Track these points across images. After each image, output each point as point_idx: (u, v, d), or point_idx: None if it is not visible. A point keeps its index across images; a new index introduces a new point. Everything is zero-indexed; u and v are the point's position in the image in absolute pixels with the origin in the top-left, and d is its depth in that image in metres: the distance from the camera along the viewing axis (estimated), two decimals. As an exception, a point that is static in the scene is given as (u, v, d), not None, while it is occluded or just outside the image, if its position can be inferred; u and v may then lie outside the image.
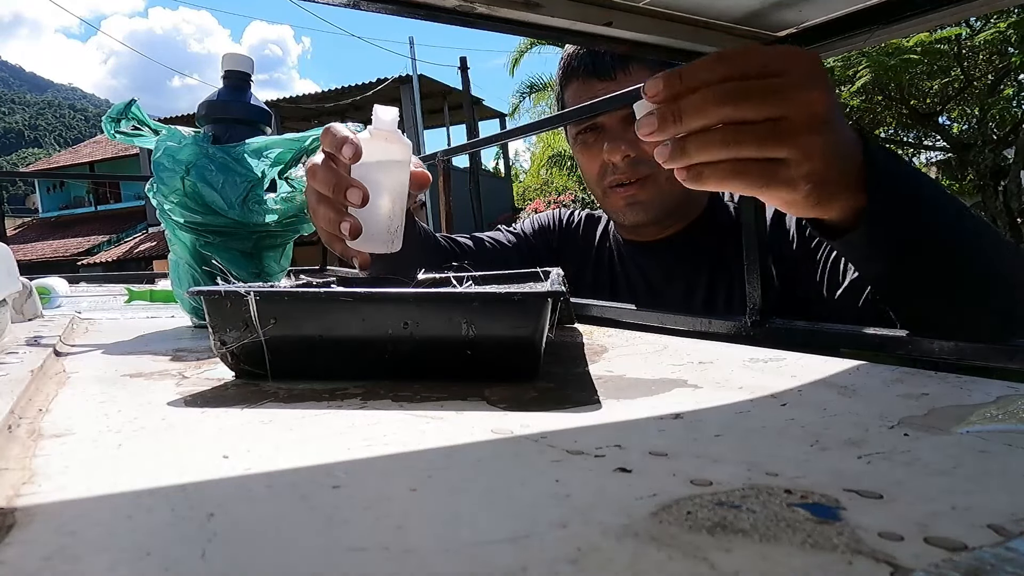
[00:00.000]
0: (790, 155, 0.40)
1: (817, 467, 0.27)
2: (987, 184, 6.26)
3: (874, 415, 0.34)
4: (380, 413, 0.36)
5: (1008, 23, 5.30)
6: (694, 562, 0.19)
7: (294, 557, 0.20)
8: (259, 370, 0.45)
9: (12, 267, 0.69)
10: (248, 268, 0.77)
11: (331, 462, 0.28)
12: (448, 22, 0.50)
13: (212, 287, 0.44)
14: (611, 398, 0.39)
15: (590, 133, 0.89)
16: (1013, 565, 0.18)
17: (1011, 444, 0.29)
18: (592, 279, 0.98)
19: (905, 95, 6.34)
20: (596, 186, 0.91)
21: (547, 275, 0.63)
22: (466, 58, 14.10)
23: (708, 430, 0.32)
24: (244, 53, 0.82)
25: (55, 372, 0.50)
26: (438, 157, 1.38)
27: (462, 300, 0.44)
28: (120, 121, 0.74)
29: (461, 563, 0.19)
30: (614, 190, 0.88)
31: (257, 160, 0.73)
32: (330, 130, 0.54)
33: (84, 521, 0.23)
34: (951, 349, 0.45)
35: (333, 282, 0.60)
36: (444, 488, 0.25)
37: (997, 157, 6.39)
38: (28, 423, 0.35)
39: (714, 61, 0.40)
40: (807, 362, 0.47)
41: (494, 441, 0.31)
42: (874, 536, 0.20)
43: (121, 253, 16.11)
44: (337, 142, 0.51)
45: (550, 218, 1.07)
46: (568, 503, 0.23)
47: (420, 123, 13.75)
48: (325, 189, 0.53)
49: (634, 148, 0.83)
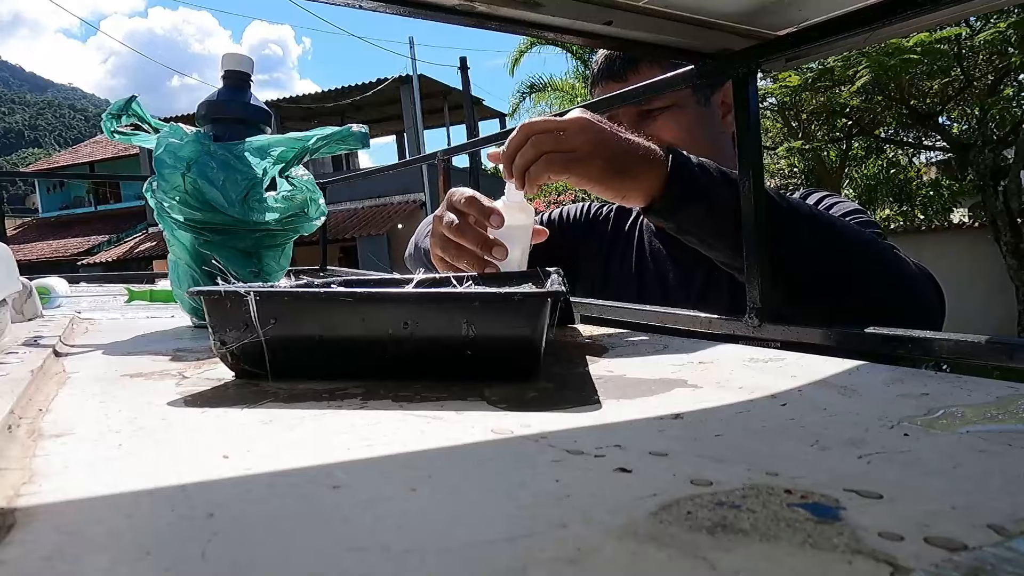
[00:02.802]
0: (576, 145, 0.60)
1: (817, 467, 0.27)
2: (987, 184, 6.26)
3: (874, 415, 0.34)
4: (380, 413, 0.36)
5: (1008, 23, 5.30)
6: (694, 562, 0.19)
7: (294, 557, 0.20)
8: (259, 370, 0.45)
9: (12, 267, 0.69)
10: (248, 267, 0.77)
11: (331, 462, 0.28)
12: (448, 21, 0.50)
13: (212, 287, 0.44)
14: (611, 398, 0.39)
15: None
16: (1013, 565, 0.18)
17: (1011, 444, 0.29)
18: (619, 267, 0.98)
19: (905, 95, 6.34)
20: None
21: (547, 275, 0.64)
22: (466, 58, 14.10)
23: (708, 430, 0.32)
24: (244, 53, 0.82)
25: (55, 372, 0.50)
26: (438, 157, 1.38)
27: (462, 300, 0.44)
28: (120, 117, 0.74)
29: (461, 563, 0.19)
30: None
31: (259, 158, 0.73)
32: (475, 199, 0.68)
33: (84, 521, 0.23)
34: (951, 348, 0.45)
35: (333, 282, 0.60)
36: (444, 488, 0.25)
37: (997, 157, 6.40)
38: (28, 423, 0.35)
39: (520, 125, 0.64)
40: (807, 362, 0.47)
41: (494, 441, 0.31)
42: (874, 536, 0.20)
43: (121, 253, 16.11)
44: (485, 211, 0.67)
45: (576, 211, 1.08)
46: (568, 503, 0.23)
47: (420, 123, 13.75)
48: (473, 245, 0.67)
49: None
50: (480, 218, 0.68)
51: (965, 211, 9.03)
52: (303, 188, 0.78)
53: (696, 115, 0.88)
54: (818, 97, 6.71)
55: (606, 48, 0.75)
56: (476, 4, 0.48)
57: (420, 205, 13.20)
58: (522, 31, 0.54)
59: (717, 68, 0.61)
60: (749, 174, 0.57)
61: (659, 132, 0.86)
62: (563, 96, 11.71)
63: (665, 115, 0.87)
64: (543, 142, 0.61)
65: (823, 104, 6.79)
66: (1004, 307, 6.92)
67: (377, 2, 0.47)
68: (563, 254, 0.72)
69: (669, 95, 0.86)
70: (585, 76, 12.68)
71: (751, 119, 0.58)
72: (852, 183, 9.05)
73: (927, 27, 0.99)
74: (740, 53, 0.59)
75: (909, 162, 9.39)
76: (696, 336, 0.62)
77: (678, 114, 0.87)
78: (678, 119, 0.86)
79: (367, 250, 12.74)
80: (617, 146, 0.62)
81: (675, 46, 0.60)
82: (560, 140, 0.61)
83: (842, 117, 7.11)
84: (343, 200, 13.72)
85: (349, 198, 13.79)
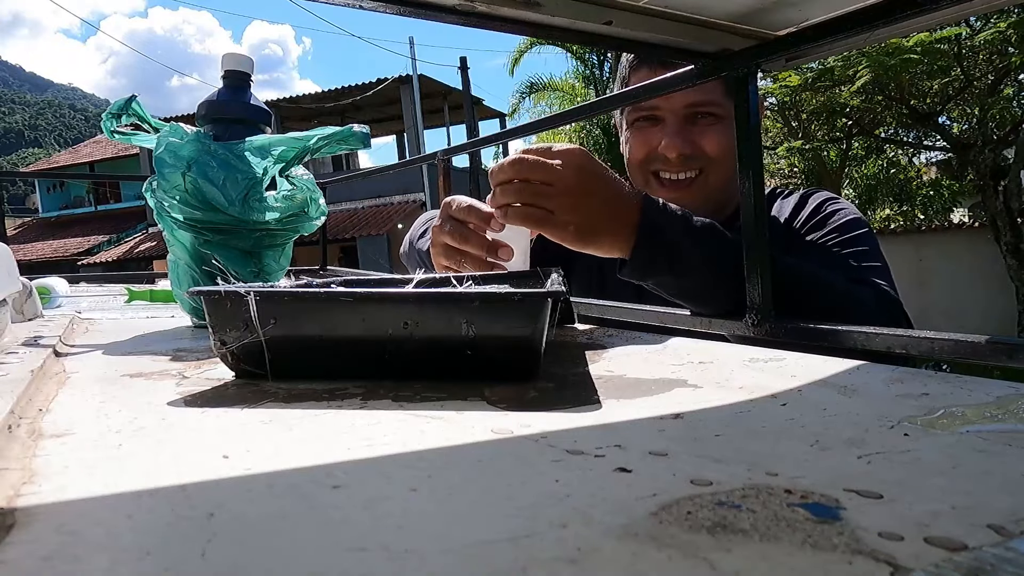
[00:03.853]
0: (553, 207, 0.62)
1: (817, 467, 0.27)
2: (987, 184, 6.26)
3: (874, 415, 0.34)
4: (380, 413, 0.36)
5: (1008, 23, 5.30)
6: (694, 562, 0.19)
7: (294, 557, 0.20)
8: (259, 370, 0.45)
9: (12, 267, 0.69)
10: (248, 267, 0.77)
11: (331, 462, 0.28)
12: (448, 21, 0.50)
13: (212, 287, 0.44)
14: (611, 398, 0.39)
15: (647, 122, 0.90)
16: (1013, 565, 0.18)
17: (1011, 444, 0.29)
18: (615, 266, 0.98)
19: (905, 95, 6.34)
20: (638, 169, 0.92)
21: (547, 275, 0.64)
22: (466, 58, 14.09)
23: (708, 430, 0.32)
24: (244, 53, 0.82)
25: (55, 372, 0.50)
26: (438, 157, 1.38)
27: (462, 300, 0.44)
28: (120, 117, 0.74)
29: (461, 563, 0.19)
30: (659, 180, 0.89)
31: (260, 157, 0.73)
32: (473, 206, 0.69)
33: (84, 521, 0.23)
34: (951, 348, 0.45)
35: (333, 282, 0.60)
36: (444, 488, 0.25)
37: (997, 157, 6.40)
38: (28, 423, 0.35)
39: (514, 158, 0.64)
40: (807, 362, 0.47)
41: (494, 441, 0.31)
42: (874, 536, 0.20)
43: (121, 253, 16.11)
44: (485, 217, 0.68)
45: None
46: (568, 503, 0.23)
47: (420, 123, 13.75)
48: (478, 249, 0.69)
49: (690, 146, 0.85)
50: (480, 224, 0.69)
51: (965, 211, 9.03)
52: (303, 188, 0.78)
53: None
54: (818, 97, 6.71)
55: (606, 48, 0.74)
56: (476, 4, 0.48)
57: (420, 205, 13.20)
58: (522, 31, 0.54)
59: (717, 68, 0.61)
60: (749, 174, 0.57)
61: (704, 141, 0.85)
62: (563, 96, 11.71)
63: (716, 125, 0.85)
64: (525, 191, 0.63)
65: (823, 104, 6.79)
66: (1004, 307, 6.93)
67: (377, 2, 0.47)
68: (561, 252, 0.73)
69: (721, 106, 0.84)
70: (585, 76, 12.70)
71: (751, 119, 0.58)
72: (852, 183, 9.05)
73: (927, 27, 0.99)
74: (740, 53, 0.59)
75: (909, 162, 9.40)
76: (696, 336, 0.62)
77: (726, 128, 0.84)
78: (724, 132, 0.84)
79: (367, 250, 12.75)
80: (592, 210, 0.63)
81: (675, 46, 0.60)
82: (540, 195, 0.62)
83: (842, 117, 7.12)
84: (343, 200, 13.73)
85: (349, 198, 13.80)
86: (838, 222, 0.80)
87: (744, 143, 0.58)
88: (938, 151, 8.26)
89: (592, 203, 0.63)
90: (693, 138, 0.85)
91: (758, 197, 0.57)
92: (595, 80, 11.98)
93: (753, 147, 0.58)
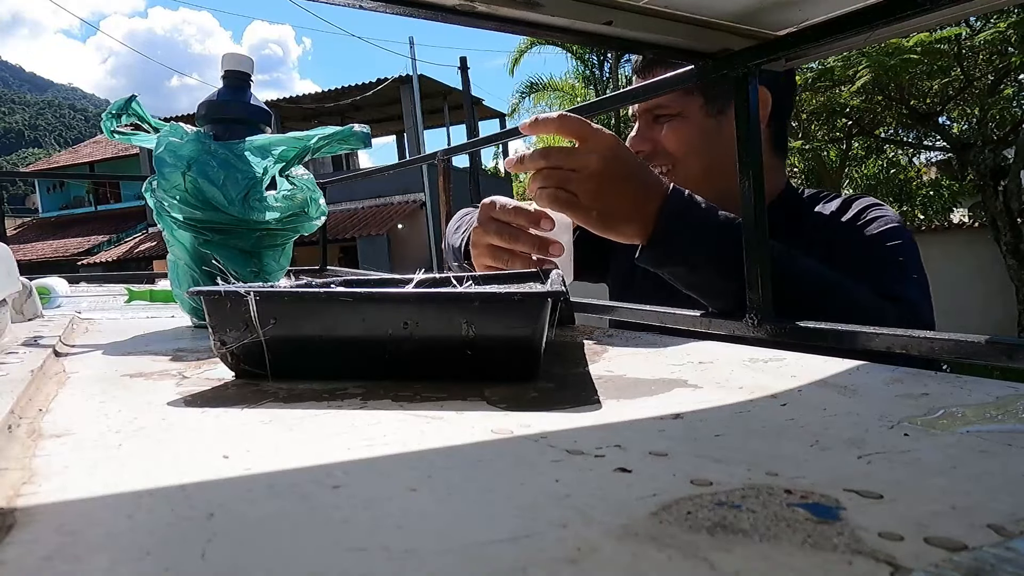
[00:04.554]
0: (578, 192, 0.64)
1: (817, 467, 0.27)
2: (987, 184, 6.26)
3: (874, 415, 0.34)
4: (380, 413, 0.36)
5: (1008, 23, 5.30)
6: (694, 562, 0.19)
7: (294, 557, 0.20)
8: (259, 370, 0.45)
9: (12, 267, 0.69)
10: (248, 267, 0.77)
11: (331, 462, 0.28)
12: (448, 21, 0.50)
13: (212, 287, 0.44)
14: (611, 398, 0.39)
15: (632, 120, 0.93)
16: (1013, 565, 0.18)
17: (1011, 444, 0.29)
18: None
19: (905, 95, 6.34)
20: None
21: (547, 275, 0.64)
22: (466, 58, 14.10)
23: (708, 430, 0.32)
24: (244, 53, 0.82)
25: (55, 372, 0.50)
26: (438, 157, 1.38)
27: (462, 300, 0.44)
28: (120, 117, 0.74)
29: (461, 563, 0.19)
30: None
31: (260, 157, 0.73)
32: (521, 208, 0.71)
33: (84, 521, 0.23)
34: (951, 348, 0.45)
35: (333, 282, 0.60)
36: (444, 488, 0.25)
37: (997, 157, 6.40)
38: (28, 423, 0.35)
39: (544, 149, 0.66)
40: (807, 362, 0.47)
41: (494, 441, 0.31)
42: (874, 536, 0.20)
43: (121, 253, 16.11)
44: (535, 218, 0.70)
45: None
46: (568, 503, 0.23)
47: (420, 123, 13.75)
48: (529, 248, 0.71)
49: (649, 144, 0.87)
50: (530, 225, 0.71)
51: (965, 211, 9.03)
52: (303, 187, 0.78)
53: (700, 127, 0.86)
54: (818, 97, 6.71)
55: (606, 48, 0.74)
56: (476, 4, 0.48)
57: (420, 205, 13.20)
58: (522, 31, 0.54)
59: (717, 68, 0.61)
60: (749, 174, 0.57)
61: (664, 140, 0.86)
62: (563, 96, 11.71)
63: (672, 123, 0.86)
64: (553, 176, 0.65)
65: (823, 104, 6.80)
66: (1004, 307, 6.93)
67: (377, 2, 0.47)
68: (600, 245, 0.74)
69: (675, 104, 0.85)
70: (585, 76, 12.70)
71: (751, 119, 0.58)
72: (852, 183, 9.05)
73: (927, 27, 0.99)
74: (740, 53, 0.59)
75: (909, 162, 9.39)
76: (696, 336, 0.62)
77: (680, 125, 0.86)
78: (679, 130, 0.86)
79: (367, 250, 12.74)
80: (614, 197, 0.64)
81: (675, 46, 0.60)
82: (568, 180, 0.64)
83: (842, 117, 7.12)
84: (343, 200, 13.73)
85: (349, 198, 13.80)
86: (877, 230, 0.78)
87: (744, 143, 0.58)
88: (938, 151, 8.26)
89: (615, 189, 0.64)
90: (653, 136, 0.87)
91: (758, 197, 0.57)
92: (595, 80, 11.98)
93: (753, 147, 0.58)
